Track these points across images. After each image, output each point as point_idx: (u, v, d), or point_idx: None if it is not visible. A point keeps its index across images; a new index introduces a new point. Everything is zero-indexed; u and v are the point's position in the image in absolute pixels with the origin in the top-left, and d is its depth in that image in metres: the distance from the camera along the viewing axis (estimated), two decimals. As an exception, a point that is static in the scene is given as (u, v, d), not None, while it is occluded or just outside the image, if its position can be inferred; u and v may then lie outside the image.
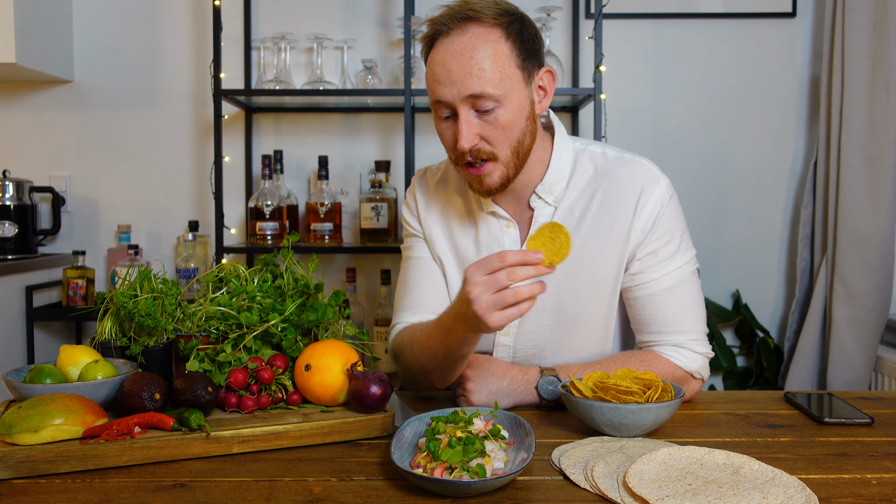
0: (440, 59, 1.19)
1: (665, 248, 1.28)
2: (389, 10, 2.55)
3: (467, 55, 1.16)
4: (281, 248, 1.21)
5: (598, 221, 1.29)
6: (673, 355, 1.27)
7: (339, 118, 2.59)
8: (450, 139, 1.23)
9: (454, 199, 1.40)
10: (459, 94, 1.17)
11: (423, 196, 1.42)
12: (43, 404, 0.92)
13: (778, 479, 0.85)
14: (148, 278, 1.14)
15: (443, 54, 1.19)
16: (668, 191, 1.29)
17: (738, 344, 2.63)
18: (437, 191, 1.42)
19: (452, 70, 1.17)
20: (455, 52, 1.17)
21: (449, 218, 1.39)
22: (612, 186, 1.30)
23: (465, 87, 1.16)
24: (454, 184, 1.41)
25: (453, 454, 0.86)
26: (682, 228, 1.31)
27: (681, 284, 1.28)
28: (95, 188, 2.60)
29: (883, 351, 2.28)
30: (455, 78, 1.17)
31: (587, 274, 1.30)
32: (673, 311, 1.28)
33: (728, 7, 2.54)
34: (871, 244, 2.21)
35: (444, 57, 1.18)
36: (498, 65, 1.17)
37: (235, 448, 0.98)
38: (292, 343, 1.11)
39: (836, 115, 2.29)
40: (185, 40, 2.57)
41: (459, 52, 1.17)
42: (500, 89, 1.17)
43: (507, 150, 1.21)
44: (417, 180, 1.45)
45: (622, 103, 2.56)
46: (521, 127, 1.21)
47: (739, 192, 2.59)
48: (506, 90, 1.18)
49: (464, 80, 1.16)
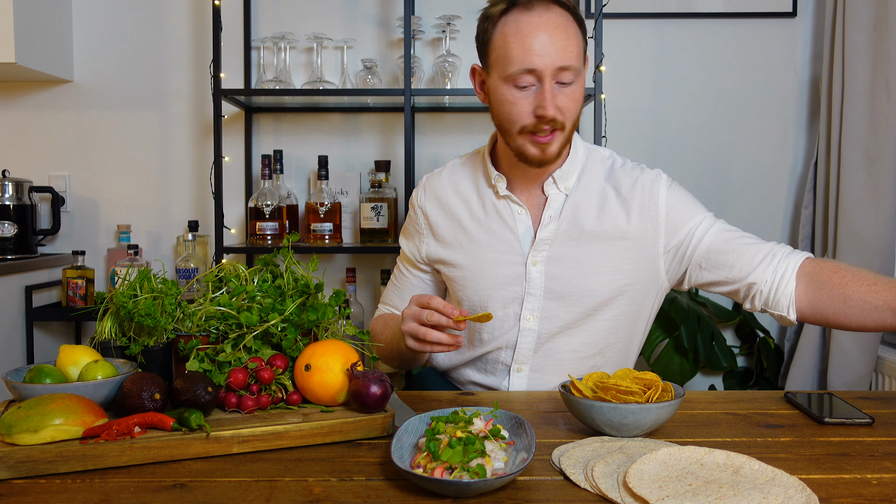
0: (531, 30, 1.27)
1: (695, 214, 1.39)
2: (389, 10, 2.55)
3: (560, 30, 1.27)
4: (281, 248, 1.21)
5: (616, 217, 1.38)
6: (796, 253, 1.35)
7: (338, 118, 2.59)
8: (524, 108, 1.30)
9: (461, 195, 1.47)
10: (553, 64, 1.26)
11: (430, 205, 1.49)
12: (43, 404, 0.92)
13: (778, 479, 0.85)
14: (148, 278, 1.14)
15: (534, 26, 1.27)
16: (668, 180, 1.41)
17: (738, 344, 2.63)
18: (442, 195, 1.48)
19: (546, 41, 1.26)
20: (548, 25, 1.27)
21: (458, 216, 1.46)
22: (624, 186, 1.40)
23: (559, 58, 1.26)
24: (459, 183, 1.48)
25: (453, 454, 0.86)
26: (692, 197, 1.42)
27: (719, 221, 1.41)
28: (95, 188, 2.59)
29: (883, 351, 2.28)
30: (550, 49, 1.26)
31: (604, 264, 1.37)
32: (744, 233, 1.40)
33: (728, 7, 2.54)
34: (871, 244, 2.21)
35: (537, 28, 1.26)
36: (578, 44, 1.30)
37: (235, 448, 0.98)
38: (292, 343, 1.11)
39: (837, 115, 2.29)
40: (185, 40, 2.57)
41: (552, 27, 1.27)
42: (580, 65, 1.31)
43: (571, 122, 1.32)
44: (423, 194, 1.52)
45: (622, 103, 2.56)
46: (581, 104, 1.33)
47: (739, 192, 2.59)
48: (581, 67, 1.31)
49: (559, 52, 1.26)
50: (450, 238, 1.45)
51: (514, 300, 1.39)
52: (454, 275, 1.44)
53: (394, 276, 1.58)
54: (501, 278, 1.39)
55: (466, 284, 1.42)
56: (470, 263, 1.42)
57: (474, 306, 1.42)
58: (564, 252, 1.38)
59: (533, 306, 1.38)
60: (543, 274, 1.38)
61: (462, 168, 1.50)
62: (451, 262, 1.44)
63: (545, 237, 1.38)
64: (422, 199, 1.50)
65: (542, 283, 1.38)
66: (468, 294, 1.42)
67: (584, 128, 2.53)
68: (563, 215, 1.39)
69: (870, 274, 1.26)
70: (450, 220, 1.46)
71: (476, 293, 1.41)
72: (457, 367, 1.49)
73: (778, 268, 1.32)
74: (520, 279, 1.39)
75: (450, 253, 1.45)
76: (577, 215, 1.38)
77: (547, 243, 1.38)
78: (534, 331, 1.39)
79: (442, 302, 1.18)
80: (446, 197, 1.47)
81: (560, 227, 1.38)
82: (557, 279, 1.37)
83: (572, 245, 1.38)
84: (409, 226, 1.54)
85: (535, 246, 1.38)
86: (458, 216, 1.45)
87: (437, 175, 1.52)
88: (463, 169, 1.50)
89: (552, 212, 1.39)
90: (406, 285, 1.55)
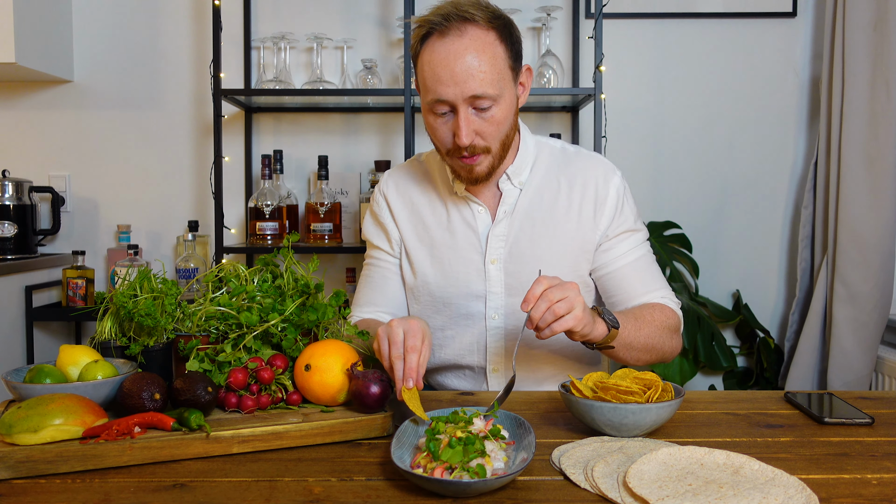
0: (441, 58, 1.23)
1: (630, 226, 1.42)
2: (389, 10, 2.55)
3: (470, 57, 1.22)
4: (281, 248, 1.21)
5: (568, 205, 1.40)
6: (667, 303, 1.42)
7: (338, 118, 2.59)
8: (445, 134, 1.30)
9: (424, 191, 1.47)
10: (462, 94, 1.23)
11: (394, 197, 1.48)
12: (43, 404, 0.92)
13: (778, 479, 0.85)
14: (148, 278, 1.13)
15: (444, 54, 1.23)
16: (623, 180, 1.43)
17: (738, 344, 2.63)
18: (405, 189, 1.48)
19: (456, 71, 1.22)
20: (458, 53, 1.22)
21: (420, 211, 1.45)
22: (576, 175, 1.41)
23: (468, 87, 1.22)
24: (422, 178, 1.48)
25: (453, 454, 0.86)
26: (637, 210, 1.46)
27: (647, 253, 1.44)
28: (95, 188, 2.59)
29: (883, 351, 2.28)
30: (459, 79, 1.22)
31: (562, 254, 1.39)
32: (651, 273, 1.43)
33: (728, 7, 2.53)
34: (871, 244, 2.21)
35: (447, 57, 1.23)
36: (495, 67, 1.24)
37: (235, 448, 0.97)
38: (292, 343, 1.11)
39: (837, 115, 2.29)
40: (184, 40, 2.57)
41: (462, 53, 1.22)
42: (497, 89, 1.24)
43: (498, 143, 1.30)
44: (385, 184, 1.51)
45: (622, 103, 2.56)
46: (510, 122, 1.31)
47: (739, 192, 2.59)
48: (501, 90, 1.25)
49: (467, 82, 1.22)
50: (412, 234, 1.45)
51: (477, 298, 1.40)
52: (417, 272, 1.44)
53: (364, 276, 1.51)
54: (463, 277, 1.40)
55: (428, 280, 1.43)
56: (432, 262, 1.43)
57: (437, 305, 1.43)
58: (520, 247, 1.38)
59: (496, 304, 1.39)
60: (502, 271, 1.39)
61: (424, 165, 1.49)
62: (413, 260, 1.44)
63: (500, 233, 1.39)
64: (386, 190, 1.49)
65: (502, 280, 1.39)
66: (431, 290, 1.43)
67: (584, 128, 2.53)
68: (518, 210, 1.39)
69: (656, 330, 1.34)
70: (412, 216, 1.46)
71: (439, 289, 1.42)
72: (432, 374, 1.49)
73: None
74: (480, 277, 1.39)
75: (412, 248, 1.45)
76: (531, 209, 1.39)
77: (502, 239, 1.39)
78: (501, 328, 1.40)
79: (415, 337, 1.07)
80: (410, 193, 1.47)
81: (514, 223, 1.39)
82: (515, 275, 1.38)
83: (527, 240, 1.38)
84: (375, 215, 1.50)
85: (490, 243, 1.39)
86: (420, 213, 1.45)
87: (403, 169, 1.51)
88: (425, 165, 1.49)
89: (507, 207, 1.40)
90: (379, 276, 1.49)
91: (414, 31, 1.28)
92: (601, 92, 2.21)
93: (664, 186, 2.57)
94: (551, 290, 1.12)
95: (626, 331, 1.27)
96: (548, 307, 1.11)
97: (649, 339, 1.32)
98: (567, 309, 1.12)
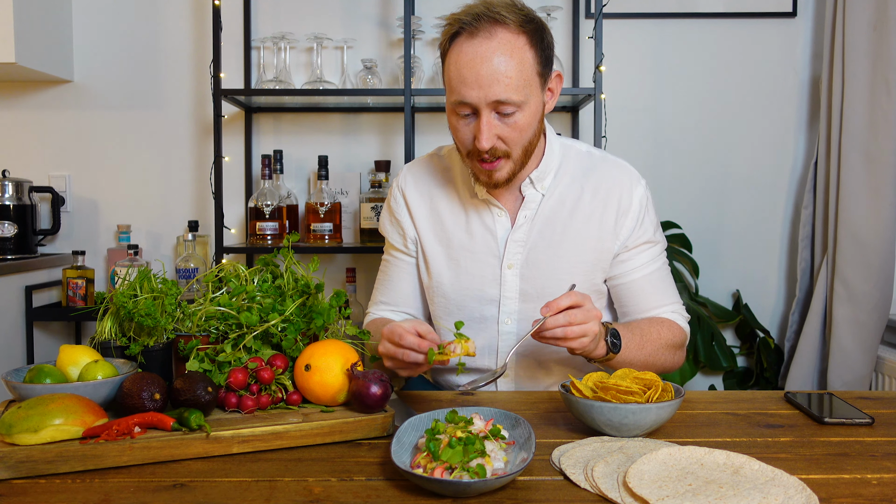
0: (468, 60, 1.21)
1: (650, 237, 1.42)
2: (389, 10, 2.55)
3: (497, 60, 1.20)
4: (281, 248, 1.21)
5: (590, 213, 1.38)
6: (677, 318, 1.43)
7: (338, 118, 2.59)
8: (466, 136, 1.28)
9: (444, 190, 1.45)
10: (486, 98, 1.21)
11: (412, 192, 1.46)
12: (43, 404, 0.92)
13: (778, 479, 0.85)
14: (148, 278, 1.13)
15: (471, 56, 1.21)
16: (647, 189, 1.42)
17: (738, 344, 2.63)
18: (425, 185, 1.46)
19: (482, 74, 1.20)
20: (485, 57, 1.20)
21: (439, 210, 1.44)
22: (601, 182, 1.40)
23: (492, 92, 1.20)
24: (442, 175, 1.46)
25: (453, 454, 0.86)
26: (657, 220, 1.46)
27: (663, 266, 1.45)
28: (95, 188, 2.59)
29: (883, 351, 2.28)
30: (483, 83, 1.20)
31: (578, 262, 1.38)
32: (664, 286, 1.44)
33: (728, 7, 2.53)
34: (871, 244, 2.21)
35: (473, 59, 1.21)
36: (523, 73, 1.22)
37: (235, 448, 0.97)
38: (292, 343, 1.11)
39: (837, 115, 2.29)
40: (185, 40, 2.57)
41: (489, 57, 1.20)
42: (523, 95, 1.22)
43: (520, 149, 1.28)
44: (404, 179, 1.49)
45: (622, 103, 2.56)
46: (534, 128, 1.28)
47: (739, 191, 2.59)
48: (526, 96, 1.23)
49: (492, 86, 1.20)
50: (429, 232, 1.44)
51: (491, 302, 1.39)
52: (432, 272, 1.44)
53: (381, 272, 1.53)
54: (478, 281, 1.39)
55: (443, 282, 1.42)
56: (448, 263, 1.42)
57: (450, 307, 1.42)
58: (538, 253, 1.38)
59: (509, 309, 1.39)
60: (518, 276, 1.38)
61: (444, 160, 1.47)
62: (430, 258, 1.44)
63: (518, 239, 1.38)
64: (405, 185, 1.47)
65: (517, 286, 1.38)
66: (445, 292, 1.42)
67: (584, 128, 2.53)
68: (539, 216, 1.38)
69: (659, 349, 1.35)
70: (431, 214, 1.44)
71: (454, 292, 1.41)
72: (442, 374, 1.49)
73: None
74: (496, 282, 1.38)
75: (429, 248, 1.44)
76: (552, 215, 1.38)
77: (520, 245, 1.38)
78: (513, 333, 1.39)
79: (415, 340, 1.14)
80: (429, 189, 1.45)
81: (534, 229, 1.38)
82: (531, 281, 1.37)
83: (545, 246, 1.38)
84: (391, 211, 1.49)
85: (508, 248, 1.38)
86: (438, 211, 1.44)
87: (423, 164, 1.49)
88: (445, 161, 1.47)
89: (528, 212, 1.39)
90: (393, 274, 1.50)
91: (444, 28, 1.26)
92: (601, 92, 2.21)
93: (664, 186, 2.57)
94: (576, 311, 1.15)
95: (627, 351, 1.28)
96: (565, 324, 1.14)
97: (650, 358, 1.33)
98: (578, 335, 1.15)
